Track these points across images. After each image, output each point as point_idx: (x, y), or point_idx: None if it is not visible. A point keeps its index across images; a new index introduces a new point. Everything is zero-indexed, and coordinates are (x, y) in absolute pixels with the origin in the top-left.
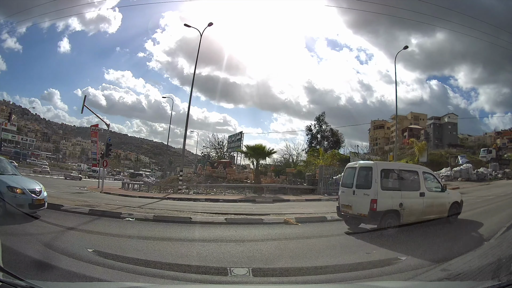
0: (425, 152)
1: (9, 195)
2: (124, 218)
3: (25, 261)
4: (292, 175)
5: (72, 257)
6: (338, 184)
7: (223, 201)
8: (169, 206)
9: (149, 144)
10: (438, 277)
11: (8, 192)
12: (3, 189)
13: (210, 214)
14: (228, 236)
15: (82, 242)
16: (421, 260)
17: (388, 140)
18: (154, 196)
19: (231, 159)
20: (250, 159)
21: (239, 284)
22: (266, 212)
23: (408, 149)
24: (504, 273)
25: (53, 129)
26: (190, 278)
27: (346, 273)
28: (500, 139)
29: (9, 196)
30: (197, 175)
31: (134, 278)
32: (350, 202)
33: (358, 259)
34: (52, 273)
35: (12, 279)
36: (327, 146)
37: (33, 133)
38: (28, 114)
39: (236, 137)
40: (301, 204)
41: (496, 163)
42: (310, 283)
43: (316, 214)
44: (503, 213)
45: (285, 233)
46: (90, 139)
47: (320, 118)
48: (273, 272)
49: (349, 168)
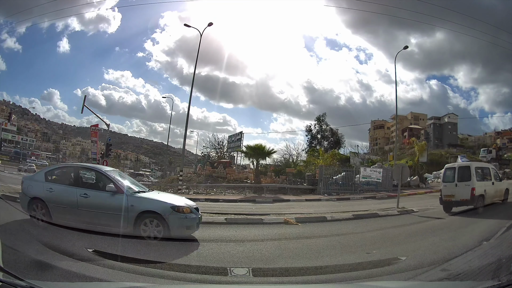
0: (425, 152)
1: (175, 217)
2: None
3: (25, 261)
4: (292, 175)
5: (72, 257)
6: (338, 184)
7: (223, 201)
8: None
9: (149, 144)
10: (438, 277)
11: (174, 213)
12: (166, 210)
13: (210, 214)
14: (228, 236)
15: (82, 242)
16: (421, 260)
17: (388, 140)
18: None
19: (231, 159)
20: (250, 159)
21: (239, 284)
22: (266, 212)
23: (408, 149)
24: (504, 273)
25: (53, 129)
26: (190, 278)
27: (346, 273)
28: (500, 139)
29: (175, 218)
30: (197, 175)
31: (134, 278)
32: (452, 192)
33: (358, 259)
34: (52, 273)
35: (12, 279)
36: (327, 146)
37: (33, 133)
38: (28, 114)
39: (236, 137)
40: (301, 204)
41: (496, 163)
42: (310, 283)
43: (316, 214)
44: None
45: (285, 233)
46: (90, 139)
47: (320, 118)
48: (273, 272)
49: (448, 168)
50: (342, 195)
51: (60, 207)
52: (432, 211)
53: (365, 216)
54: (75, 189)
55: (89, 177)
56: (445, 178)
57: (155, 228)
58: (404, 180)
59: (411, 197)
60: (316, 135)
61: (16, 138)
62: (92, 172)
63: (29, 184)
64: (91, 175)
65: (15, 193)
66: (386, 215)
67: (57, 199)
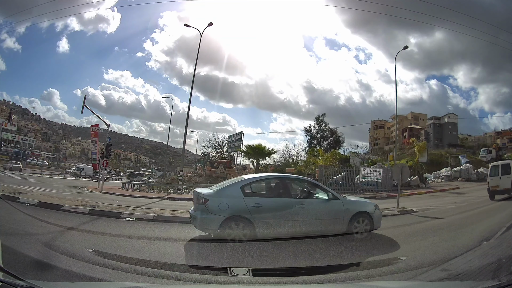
0: (425, 152)
1: (377, 213)
2: (124, 218)
3: (25, 261)
4: None
5: (72, 257)
6: (338, 184)
7: None
8: (169, 206)
9: (149, 144)
10: (438, 277)
11: (376, 210)
12: (372, 209)
13: None
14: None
15: (82, 242)
16: (421, 260)
17: (388, 140)
18: (154, 196)
19: (231, 159)
20: (250, 159)
21: (239, 284)
22: None
23: (408, 149)
24: (504, 273)
25: (53, 129)
26: (190, 278)
27: (346, 273)
28: (500, 139)
29: (377, 214)
30: (197, 175)
31: (134, 278)
32: (497, 183)
33: (358, 259)
34: (52, 273)
35: (12, 279)
36: (327, 146)
37: (33, 133)
38: (28, 114)
39: (236, 137)
40: None
41: None
42: (310, 283)
43: None
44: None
45: None
46: (90, 139)
47: (319, 118)
48: (273, 272)
49: (493, 165)
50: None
51: (269, 222)
52: (432, 211)
53: None
54: (291, 200)
55: (296, 187)
56: (491, 172)
57: (363, 225)
58: (404, 180)
59: (411, 197)
60: (316, 135)
61: (16, 138)
62: (298, 181)
63: (220, 202)
64: (298, 185)
65: (15, 193)
66: (386, 215)
67: (266, 214)
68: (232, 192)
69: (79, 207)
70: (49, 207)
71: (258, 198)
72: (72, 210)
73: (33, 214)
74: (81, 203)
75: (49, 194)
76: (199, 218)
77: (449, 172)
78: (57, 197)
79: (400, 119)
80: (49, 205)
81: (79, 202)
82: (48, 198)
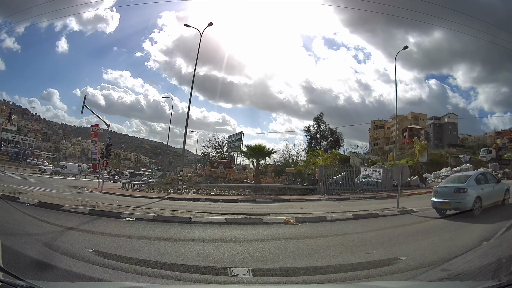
0: (425, 152)
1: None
2: (124, 218)
3: (25, 261)
4: (292, 175)
5: (72, 257)
6: (338, 184)
7: (223, 201)
8: (169, 206)
9: (149, 144)
10: (438, 277)
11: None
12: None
13: (210, 214)
14: (228, 236)
15: (82, 242)
16: (421, 260)
17: (388, 140)
18: (154, 196)
19: (231, 159)
20: (250, 159)
21: (239, 284)
22: (266, 212)
23: (408, 149)
24: (504, 273)
25: (53, 129)
26: (190, 278)
27: (346, 273)
28: (500, 139)
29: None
30: (197, 175)
31: (134, 278)
32: None
33: (358, 259)
34: (52, 273)
35: (12, 279)
36: (327, 146)
37: (33, 133)
38: (28, 114)
39: (236, 137)
40: (301, 204)
41: (496, 163)
42: (310, 283)
43: (316, 214)
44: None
45: (285, 233)
46: (90, 139)
47: (318, 118)
48: (273, 272)
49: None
50: (342, 195)
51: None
52: (432, 211)
53: (365, 216)
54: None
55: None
56: None
57: (509, 195)
58: (404, 180)
59: (411, 197)
60: (315, 135)
61: (16, 138)
62: (490, 175)
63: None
64: (491, 177)
65: (15, 193)
66: (386, 215)
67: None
68: (471, 183)
69: (79, 207)
70: (49, 207)
71: (482, 185)
72: (72, 210)
73: (33, 214)
74: (81, 203)
75: (49, 194)
76: (464, 200)
77: (449, 172)
78: (57, 197)
79: (400, 119)
80: (49, 205)
81: (79, 202)
82: (48, 198)
